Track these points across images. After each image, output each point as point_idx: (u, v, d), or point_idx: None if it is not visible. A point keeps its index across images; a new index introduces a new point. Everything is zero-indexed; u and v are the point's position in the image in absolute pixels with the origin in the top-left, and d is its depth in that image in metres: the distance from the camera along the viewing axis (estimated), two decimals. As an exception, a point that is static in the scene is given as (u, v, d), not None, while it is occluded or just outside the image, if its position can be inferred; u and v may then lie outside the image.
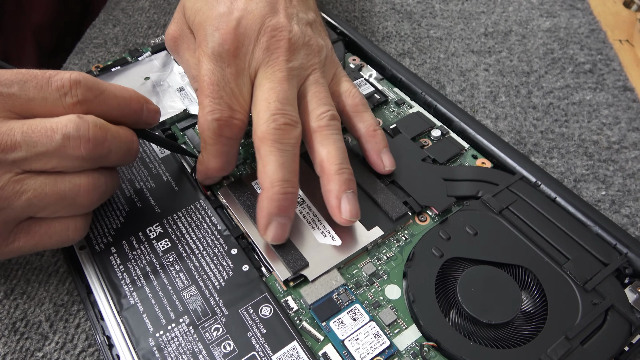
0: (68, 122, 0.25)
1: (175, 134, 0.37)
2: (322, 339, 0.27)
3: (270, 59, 0.29)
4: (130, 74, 0.41)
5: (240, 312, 0.27)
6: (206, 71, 0.29)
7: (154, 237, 0.31)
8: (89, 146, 0.26)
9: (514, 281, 0.28)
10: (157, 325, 0.27)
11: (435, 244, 0.29)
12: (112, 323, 0.27)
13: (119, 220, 0.32)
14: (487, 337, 0.26)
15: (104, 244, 0.30)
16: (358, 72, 0.41)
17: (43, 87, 0.26)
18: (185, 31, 0.33)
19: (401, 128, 0.36)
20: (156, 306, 0.28)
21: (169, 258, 0.30)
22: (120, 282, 0.29)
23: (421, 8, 0.50)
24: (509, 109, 0.40)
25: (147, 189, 0.33)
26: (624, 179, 0.35)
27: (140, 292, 0.28)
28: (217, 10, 0.30)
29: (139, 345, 0.26)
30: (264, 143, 0.28)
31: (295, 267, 0.28)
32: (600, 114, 0.40)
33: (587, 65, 0.44)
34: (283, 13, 0.31)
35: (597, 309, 0.27)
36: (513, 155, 0.34)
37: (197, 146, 0.36)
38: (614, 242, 0.29)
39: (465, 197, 0.32)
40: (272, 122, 0.28)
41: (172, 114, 0.37)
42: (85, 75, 0.27)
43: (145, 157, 0.35)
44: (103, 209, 0.32)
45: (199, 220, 0.31)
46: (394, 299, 0.28)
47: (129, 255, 0.30)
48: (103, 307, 0.28)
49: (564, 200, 0.31)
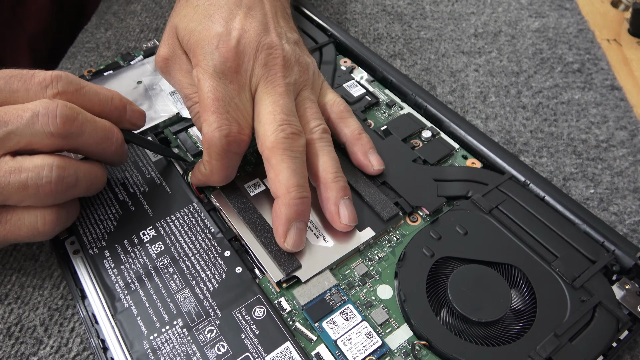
0: (39, 103, 0.27)
1: (168, 138, 0.37)
2: (315, 339, 0.27)
3: (269, 75, 0.30)
4: (123, 78, 0.41)
5: (233, 313, 0.27)
6: (209, 88, 0.29)
7: (148, 240, 0.31)
8: (57, 122, 0.26)
9: (503, 279, 0.28)
10: (151, 328, 0.27)
11: (426, 244, 0.30)
12: (106, 326, 0.28)
13: (113, 225, 0.32)
14: (478, 335, 0.27)
15: (98, 248, 0.31)
16: (349, 74, 0.41)
17: (27, 81, 0.27)
18: (177, 52, 0.33)
19: (392, 129, 0.36)
20: (150, 309, 0.28)
21: (162, 261, 0.30)
22: (114, 285, 0.29)
23: (412, 9, 0.51)
24: (498, 109, 0.41)
25: (140, 192, 0.33)
26: (612, 177, 0.36)
27: (134, 295, 0.28)
28: (214, 30, 0.31)
29: (133, 348, 0.26)
30: (275, 152, 0.29)
31: (288, 269, 0.29)
32: (589, 112, 0.40)
33: (575, 65, 0.44)
34: (274, 32, 0.32)
35: (586, 306, 0.27)
36: (502, 155, 0.34)
37: (189, 149, 0.36)
38: (602, 240, 0.30)
39: (456, 197, 0.33)
40: (280, 132, 0.29)
41: (164, 117, 0.38)
42: (68, 73, 0.29)
43: (138, 160, 0.35)
44: (97, 212, 0.32)
45: (192, 223, 0.32)
46: (385, 298, 0.29)
47: (123, 258, 0.30)
48: (97, 311, 0.28)
49: (552, 199, 0.32)
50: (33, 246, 0.33)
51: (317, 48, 0.43)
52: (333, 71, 0.41)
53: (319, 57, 0.42)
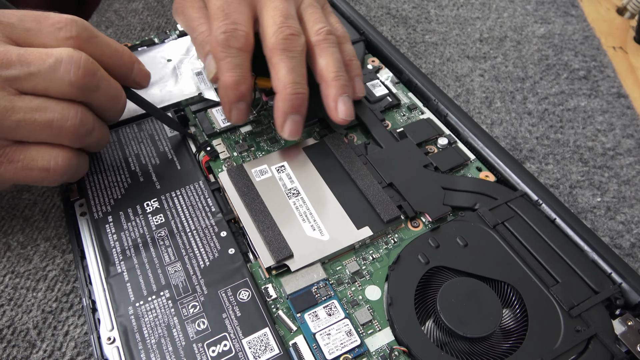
0: (63, 51, 0.27)
1: (187, 116, 0.38)
2: (295, 330, 0.27)
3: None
4: (155, 55, 0.42)
5: (219, 292, 0.28)
6: (214, 2, 0.32)
7: (150, 211, 0.32)
8: (79, 72, 0.27)
9: (496, 297, 0.27)
10: (138, 295, 0.28)
11: (423, 251, 0.29)
12: (98, 288, 0.29)
13: (120, 192, 0.33)
14: (461, 349, 0.26)
15: (102, 213, 0.32)
16: (375, 74, 0.41)
17: (41, 21, 0.28)
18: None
19: (408, 132, 0.36)
20: (140, 277, 0.28)
21: (160, 233, 0.30)
22: (112, 250, 0.30)
23: (416, 13, 0.50)
24: (504, 114, 0.40)
25: (151, 164, 0.34)
26: (619, 186, 0.35)
27: (128, 261, 0.29)
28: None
29: (118, 311, 0.27)
30: (274, 53, 0.31)
31: (279, 256, 0.29)
32: (595, 120, 0.39)
33: (581, 72, 0.43)
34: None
35: (579, 336, 0.26)
36: (518, 171, 0.33)
37: (206, 129, 0.36)
38: (610, 271, 0.28)
39: (462, 208, 0.32)
40: (279, 33, 0.31)
41: (187, 96, 0.38)
42: (82, 20, 0.29)
43: (155, 134, 0.36)
44: (108, 179, 0.33)
45: (195, 200, 0.32)
46: (373, 299, 0.28)
47: (124, 225, 0.31)
48: (92, 272, 0.29)
49: (563, 222, 0.30)
50: (27, 246, 0.33)
51: (346, 44, 0.42)
52: (359, 69, 0.41)
53: (347, 54, 0.42)
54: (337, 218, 0.31)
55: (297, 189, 0.32)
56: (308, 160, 0.34)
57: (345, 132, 0.37)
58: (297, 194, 0.32)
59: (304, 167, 0.34)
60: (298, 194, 0.32)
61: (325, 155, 0.34)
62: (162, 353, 0.26)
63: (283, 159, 0.34)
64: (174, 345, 0.26)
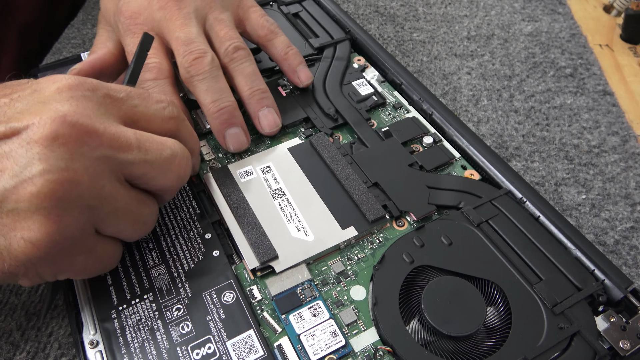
0: (176, 144, 0.27)
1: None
2: (280, 331, 0.27)
3: (166, 14, 0.33)
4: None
5: (203, 295, 0.28)
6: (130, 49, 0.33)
7: (134, 214, 0.31)
8: (187, 170, 0.28)
9: (480, 295, 0.27)
10: (122, 299, 0.27)
11: (407, 250, 0.29)
12: (80, 290, 0.28)
13: (104, 194, 0.32)
14: (445, 348, 0.26)
15: (86, 216, 0.31)
16: (360, 73, 0.41)
17: (145, 98, 0.27)
18: None
19: (393, 131, 0.36)
20: (124, 280, 0.28)
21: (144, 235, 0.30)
22: (95, 253, 0.29)
23: (404, 11, 0.50)
24: (490, 112, 0.40)
25: (135, 167, 0.34)
26: (603, 183, 0.35)
27: (112, 265, 0.29)
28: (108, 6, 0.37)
29: (101, 314, 0.27)
30: (187, 82, 0.33)
31: (264, 258, 0.29)
32: (581, 118, 0.39)
33: (568, 70, 0.43)
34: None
35: (562, 333, 0.26)
36: (502, 169, 0.33)
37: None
38: (593, 268, 0.29)
39: (446, 207, 0.32)
40: (184, 63, 0.32)
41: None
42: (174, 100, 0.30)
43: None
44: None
45: (180, 202, 0.32)
46: (358, 299, 0.28)
47: (108, 228, 0.31)
48: (75, 276, 0.29)
49: (547, 220, 0.31)
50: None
51: (332, 44, 0.42)
52: (345, 68, 0.41)
53: (332, 53, 0.42)
54: (322, 218, 0.31)
55: (282, 190, 0.32)
56: (293, 160, 0.34)
57: (330, 131, 0.36)
58: (282, 195, 0.32)
59: (289, 168, 0.33)
60: (283, 195, 0.32)
61: (310, 155, 0.34)
62: (146, 356, 0.25)
63: (268, 159, 0.34)
64: (158, 349, 0.26)
